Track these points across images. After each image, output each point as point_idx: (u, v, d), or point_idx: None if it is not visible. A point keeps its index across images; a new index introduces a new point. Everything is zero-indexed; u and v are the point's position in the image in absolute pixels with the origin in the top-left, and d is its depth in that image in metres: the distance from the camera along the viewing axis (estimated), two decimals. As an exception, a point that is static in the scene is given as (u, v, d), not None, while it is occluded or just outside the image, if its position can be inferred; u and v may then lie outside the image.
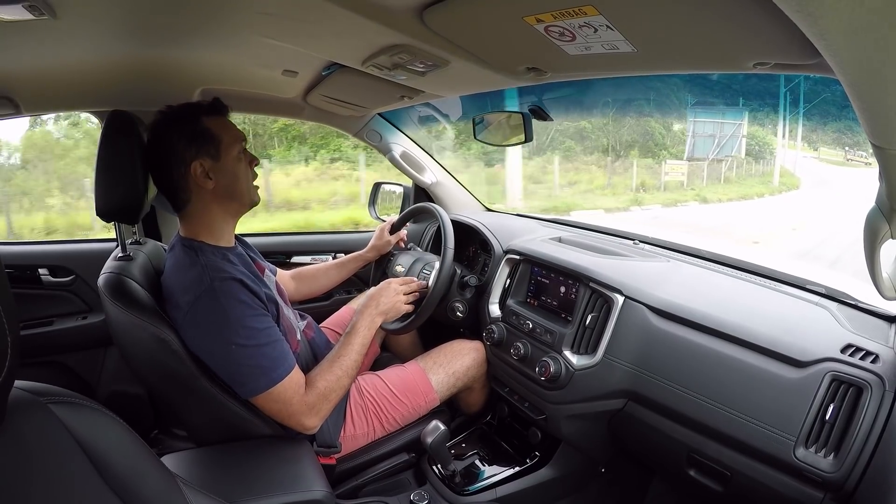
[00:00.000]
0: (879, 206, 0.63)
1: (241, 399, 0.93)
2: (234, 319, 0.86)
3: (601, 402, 1.04)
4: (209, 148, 0.94)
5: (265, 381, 0.88)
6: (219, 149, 0.95)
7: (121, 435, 0.50)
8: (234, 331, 0.86)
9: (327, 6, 0.68)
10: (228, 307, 0.87)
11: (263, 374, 0.88)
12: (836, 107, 9.79)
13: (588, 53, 0.73)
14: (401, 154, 1.70)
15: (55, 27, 0.77)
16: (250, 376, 0.88)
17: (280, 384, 0.89)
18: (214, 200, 0.96)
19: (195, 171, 0.93)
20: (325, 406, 0.96)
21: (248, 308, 0.89)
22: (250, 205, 1.02)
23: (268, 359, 0.89)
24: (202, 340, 0.87)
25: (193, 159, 0.93)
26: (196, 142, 0.93)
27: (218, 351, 0.87)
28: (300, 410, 0.92)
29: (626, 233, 1.45)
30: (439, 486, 1.13)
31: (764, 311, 0.93)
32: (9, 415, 0.41)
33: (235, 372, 0.88)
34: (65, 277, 1.42)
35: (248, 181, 1.00)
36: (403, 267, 1.30)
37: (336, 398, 0.98)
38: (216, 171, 0.95)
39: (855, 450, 0.71)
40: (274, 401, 0.90)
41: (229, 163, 0.96)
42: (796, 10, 0.36)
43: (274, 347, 0.90)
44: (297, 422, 0.93)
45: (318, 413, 0.95)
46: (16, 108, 1.16)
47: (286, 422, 0.93)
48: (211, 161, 0.94)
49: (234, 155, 0.97)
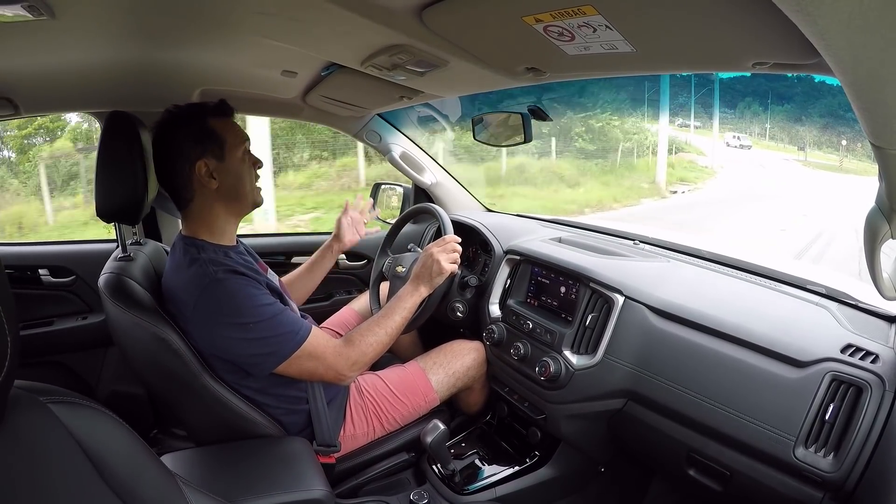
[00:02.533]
0: (879, 206, 0.63)
1: (243, 398, 0.93)
2: (245, 300, 0.89)
3: (601, 402, 1.04)
4: (214, 148, 0.95)
5: (292, 345, 0.91)
6: (223, 149, 0.96)
7: (121, 435, 0.50)
8: (246, 311, 0.88)
9: (327, 6, 0.68)
10: (236, 292, 0.88)
11: (288, 339, 0.91)
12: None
13: (587, 53, 0.73)
14: (400, 155, 1.70)
15: (54, 27, 0.77)
16: (276, 345, 0.90)
17: (307, 342, 0.92)
18: (217, 200, 0.97)
19: (199, 170, 0.93)
20: (362, 360, 0.99)
21: (255, 289, 0.91)
22: (253, 205, 1.02)
23: (286, 325, 0.91)
24: (215, 331, 0.88)
25: (198, 159, 0.93)
26: (202, 142, 0.94)
27: (235, 335, 0.88)
28: (337, 362, 0.95)
29: (627, 233, 1.45)
30: (439, 485, 1.13)
31: (764, 311, 0.93)
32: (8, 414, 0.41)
33: (261, 347, 0.89)
34: (65, 278, 1.42)
35: (251, 182, 1.01)
36: (404, 267, 1.30)
37: (374, 354, 1.01)
38: (220, 172, 0.95)
39: (854, 450, 0.71)
40: (308, 358, 0.92)
41: (234, 164, 0.97)
42: (795, 10, 0.36)
43: (287, 314, 0.93)
44: (335, 373, 0.96)
45: (356, 365, 0.98)
46: (15, 109, 1.15)
47: (324, 375, 0.96)
48: (215, 161, 0.95)
49: (239, 156, 0.98)
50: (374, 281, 1.40)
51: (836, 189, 10.95)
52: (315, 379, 0.98)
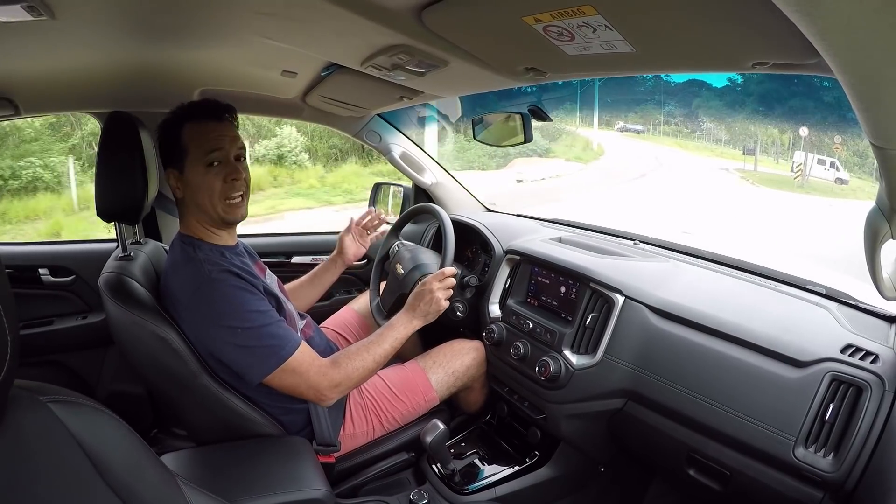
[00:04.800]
0: (879, 207, 0.63)
1: (242, 397, 0.93)
2: (237, 305, 0.88)
3: (601, 402, 1.04)
4: (175, 159, 0.94)
5: (276, 359, 0.89)
6: (184, 162, 0.93)
7: (121, 434, 0.50)
8: (237, 316, 0.87)
9: (326, 6, 0.68)
10: (229, 294, 0.88)
11: (273, 352, 0.89)
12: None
13: (587, 53, 0.73)
14: (400, 155, 1.70)
15: (54, 28, 0.77)
16: (261, 356, 0.89)
17: (292, 357, 0.90)
18: (189, 210, 0.96)
19: (169, 178, 0.94)
20: (346, 384, 0.96)
21: (248, 293, 0.90)
22: (221, 222, 0.96)
23: (275, 337, 0.90)
24: (206, 331, 0.88)
25: (166, 167, 0.94)
26: (165, 151, 0.94)
27: (225, 338, 0.88)
28: (319, 381, 0.93)
29: (627, 233, 1.45)
30: (439, 485, 1.13)
31: (764, 311, 0.93)
32: (8, 414, 0.41)
33: (246, 355, 0.89)
34: (65, 277, 1.42)
35: (212, 197, 0.93)
36: (404, 268, 1.30)
37: (358, 379, 0.99)
38: (182, 184, 0.94)
39: (854, 450, 0.71)
40: (290, 374, 0.90)
41: (194, 177, 0.93)
42: (795, 10, 0.36)
43: (278, 326, 0.92)
44: (315, 392, 0.93)
45: (338, 388, 0.95)
46: (15, 110, 1.16)
47: (305, 393, 0.94)
48: (178, 172, 0.94)
49: (200, 169, 0.92)
50: (374, 281, 1.40)
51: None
52: (296, 395, 0.95)
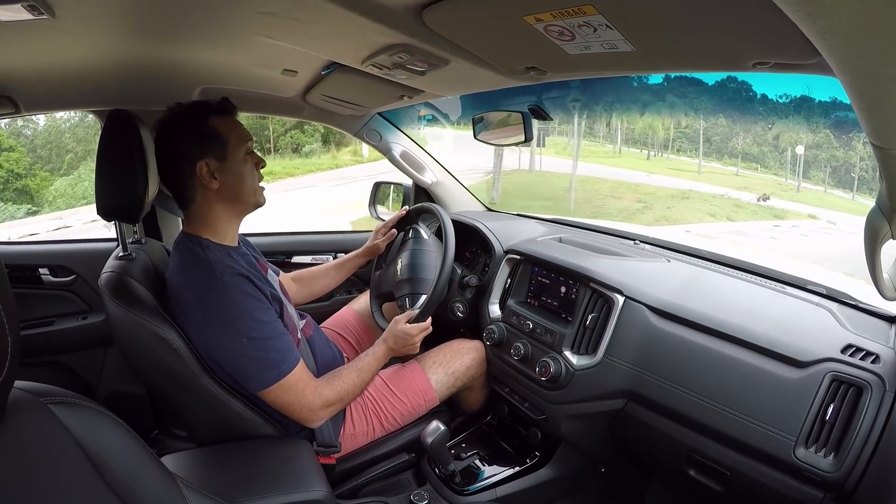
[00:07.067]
0: (880, 207, 0.63)
1: (242, 398, 0.93)
2: (245, 313, 0.88)
3: (601, 402, 1.04)
4: (215, 149, 0.94)
5: (276, 373, 0.90)
6: (225, 150, 0.95)
7: (121, 435, 0.50)
8: (244, 324, 0.88)
9: (327, 6, 0.68)
10: (239, 301, 0.88)
11: (274, 366, 0.90)
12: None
13: (587, 53, 0.73)
14: (401, 154, 1.70)
15: (54, 27, 0.77)
16: (262, 368, 0.89)
17: (290, 374, 0.91)
18: (219, 200, 0.97)
19: (200, 170, 0.93)
20: (336, 405, 1.00)
21: (257, 302, 0.90)
22: (255, 206, 1.02)
23: (277, 351, 0.90)
24: (212, 335, 0.88)
25: (199, 159, 0.93)
26: (202, 142, 0.93)
27: (229, 344, 0.88)
28: (313, 401, 0.94)
29: (627, 233, 1.45)
30: (439, 486, 1.13)
31: (764, 311, 0.93)
32: (9, 415, 0.41)
33: (247, 365, 0.89)
34: (65, 277, 1.42)
35: (253, 182, 1.00)
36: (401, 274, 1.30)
37: (348, 400, 1.03)
38: (221, 172, 0.95)
39: (855, 450, 0.71)
40: (286, 391, 0.91)
41: (235, 164, 0.96)
42: (796, 10, 0.36)
43: (282, 340, 0.92)
44: (307, 413, 0.94)
45: (329, 408, 0.98)
46: (15, 108, 1.16)
47: (297, 413, 0.94)
48: (217, 161, 0.94)
49: (241, 156, 0.97)
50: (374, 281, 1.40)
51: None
52: (286, 413, 0.94)
